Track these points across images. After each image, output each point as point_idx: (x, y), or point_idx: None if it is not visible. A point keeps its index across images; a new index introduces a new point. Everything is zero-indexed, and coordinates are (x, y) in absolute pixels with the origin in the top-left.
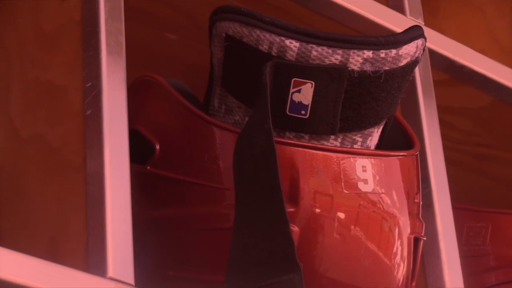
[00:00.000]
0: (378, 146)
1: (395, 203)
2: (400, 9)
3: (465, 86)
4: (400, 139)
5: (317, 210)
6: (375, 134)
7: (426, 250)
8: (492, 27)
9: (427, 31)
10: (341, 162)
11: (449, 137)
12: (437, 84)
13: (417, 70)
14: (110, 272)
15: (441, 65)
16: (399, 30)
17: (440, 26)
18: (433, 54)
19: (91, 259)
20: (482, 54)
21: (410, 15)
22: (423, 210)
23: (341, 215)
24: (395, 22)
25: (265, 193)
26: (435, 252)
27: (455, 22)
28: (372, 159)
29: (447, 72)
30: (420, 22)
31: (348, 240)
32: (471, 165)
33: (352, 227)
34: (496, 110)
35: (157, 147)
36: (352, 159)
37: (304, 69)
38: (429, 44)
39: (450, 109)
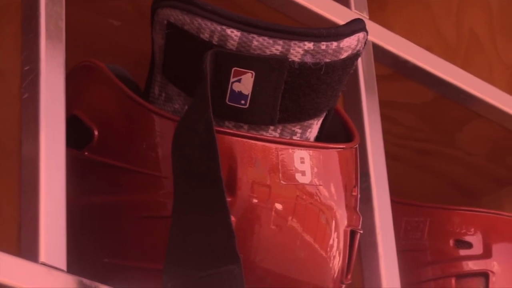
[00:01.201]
0: (318, 138)
1: (333, 195)
2: (345, 2)
3: (409, 81)
4: (340, 132)
5: (255, 201)
6: (315, 126)
7: (363, 244)
8: (439, 23)
9: (372, 25)
10: (280, 153)
11: (392, 132)
12: (380, 78)
13: (360, 64)
14: (42, 257)
15: (385, 59)
16: (343, 23)
17: (388, 21)
18: (377, 49)
19: (23, 243)
20: (428, 50)
21: (355, 9)
22: (361, 204)
23: (278, 206)
24: (339, 15)
25: (206, 183)
26: (372, 245)
27: (402, 18)
28: (310, 151)
29: (391, 67)
30: (364, 16)
31: (284, 231)
32: (413, 160)
33: (289, 218)
34: (439, 106)
35: (96, 133)
36: (290, 150)
37: (244, 59)
38: (373, 39)
39: (392, 104)
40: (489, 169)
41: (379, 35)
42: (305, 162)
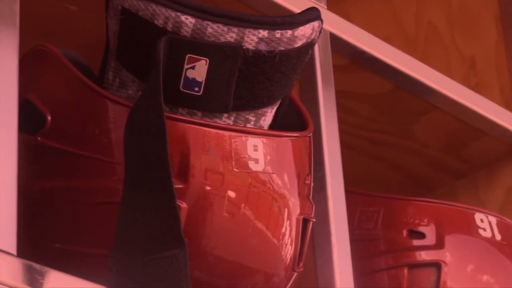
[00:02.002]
0: (272, 127)
1: (286, 183)
2: None
3: (366, 72)
4: (295, 120)
5: (207, 188)
6: (269, 114)
7: (317, 233)
8: (399, 15)
9: (329, 15)
10: (233, 140)
11: (348, 121)
12: (337, 68)
13: (317, 54)
14: None
15: (342, 49)
16: (299, 11)
17: (347, 12)
18: (334, 39)
19: None
20: (387, 42)
21: None
22: (315, 193)
23: (231, 193)
24: (296, 4)
25: (153, 169)
26: (325, 234)
27: (362, 9)
28: (264, 139)
29: (348, 57)
30: (323, 6)
31: (236, 219)
32: (369, 150)
33: (242, 206)
34: (395, 97)
35: (49, 118)
36: (243, 138)
37: (198, 46)
38: (330, 28)
39: (349, 94)
40: (445, 161)
41: (337, 25)
42: (258, 150)
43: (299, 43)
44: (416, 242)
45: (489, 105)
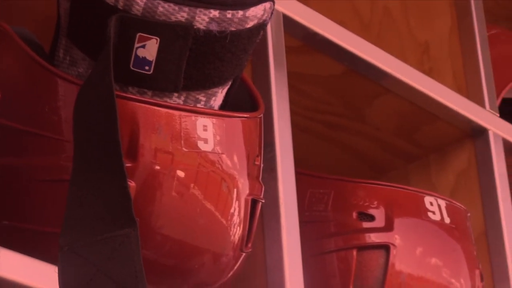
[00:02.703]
0: (223, 107)
1: (235, 164)
2: None
3: (318, 54)
4: (246, 101)
5: (157, 167)
6: (219, 95)
7: (266, 214)
8: (354, 0)
9: None
10: (183, 120)
11: (300, 104)
12: (290, 50)
13: (269, 35)
14: None
15: (295, 31)
16: None
17: None
18: (287, 20)
19: None
20: (342, 26)
21: None
22: (266, 174)
23: (180, 173)
24: None
25: (104, 147)
26: (275, 216)
27: None
28: (214, 119)
29: (301, 39)
30: None
31: (185, 199)
32: (322, 133)
33: (191, 185)
34: (348, 80)
35: None
36: (193, 118)
37: (149, 25)
38: (283, 10)
39: (302, 76)
40: (397, 144)
41: (290, 6)
42: (208, 130)
43: (250, 24)
44: (366, 225)
45: (441, 89)
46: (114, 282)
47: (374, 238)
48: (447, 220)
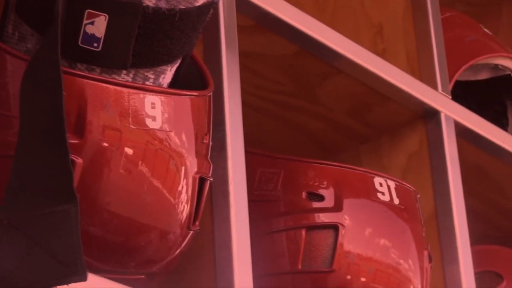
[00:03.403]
0: (172, 85)
1: (183, 142)
2: None
3: (271, 33)
4: (196, 79)
5: (104, 144)
6: (168, 73)
7: (215, 192)
8: None
9: None
10: (131, 97)
11: (253, 83)
12: (242, 29)
13: (221, 14)
14: None
15: (247, 10)
16: None
17: None
18: None
19: None
20: (297, 6)
21: None
22: (215, 152)
23: (128, 150)
24: None
25: (47, 123)
26: (223, 194)
27: None
28: (162, 97)
29: (253, 18)
30: None
31: (133, 176)
32: (275, 113)
33: (139, 163)
34: (300, 60)
35: None
36: (141, 95)
37: (98, 1)
38: None
39: (254, 55)
40: (349, 125)
41: None
42: (156, 107)
43: (200, 2)
44: (315, 204)
45: (394, 71)
46: (51, 257)
47: (323, 218)
48: (396, 201)
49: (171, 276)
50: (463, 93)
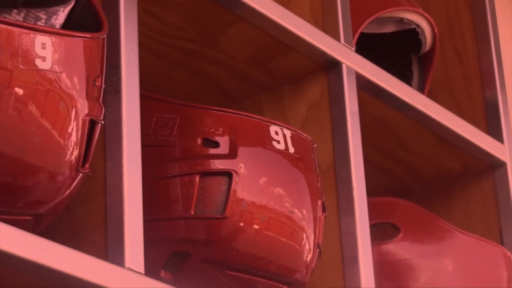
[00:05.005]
0: (66, 27)
1: (74, 84)
2: None
3: None
4: (91, 21)
5: None
6: (61, 13)
7: (109, 135)
8: None
9: None
10: (21, 37)
11: (154, 28)
12: None
13: None
14: None
15: None
16: None
17: None
18: None
19: None
20: None
21: None
22: (110, 96)
23: (18, 90)
24: None
25: None
26: (117, 138)
27: None
28: (53, 38)
29: None
30: None
31: (22, 116)
32: (178, 59)
33: (28, 103)
34: (202, 6)
35: None
36: (32, 35)
37: None
38: None
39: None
40: (251, 74)
41: None
42: (46, 48)
43: None
44: (210, 151)
45: (297, 21)
46: None
47: (217, 164)
48: (291, 150)
49: (61, 218)
50: (369, 46)
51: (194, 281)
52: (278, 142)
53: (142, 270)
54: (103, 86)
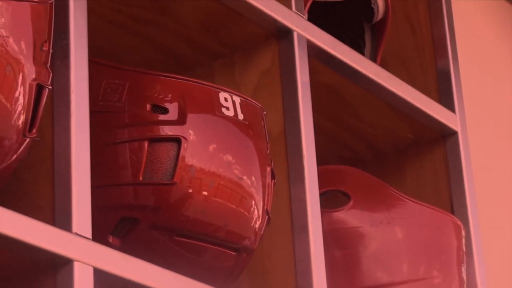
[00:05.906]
0: None
1: (21, 48)
2: None
3: None
4: None
5: None
6: None
7: (57, 101)
8: None
9: None
10: None
11: None
12: None
13: None
14: None
15: None
16: None
17: None
18: None
19: None
20: None
21: None
22: (58, 61)
23: None
24: None
25: None
26: (65, 103)
27: None
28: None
29: None
30: None
31: None
32: (128, 26)
33: None
34: None
35: None
36: None
37: None
38: None
39: None
40: (202, 41)
41: None
42: None
43: None
44: (159, 117)
45: None
46: None
47: (166, 130)
48: (240, 116)
49: (8, 183)
50: (322, 15)
51: (142, 247)
52: (228, 108)
53: (89, 235)
54: (51, 51)
